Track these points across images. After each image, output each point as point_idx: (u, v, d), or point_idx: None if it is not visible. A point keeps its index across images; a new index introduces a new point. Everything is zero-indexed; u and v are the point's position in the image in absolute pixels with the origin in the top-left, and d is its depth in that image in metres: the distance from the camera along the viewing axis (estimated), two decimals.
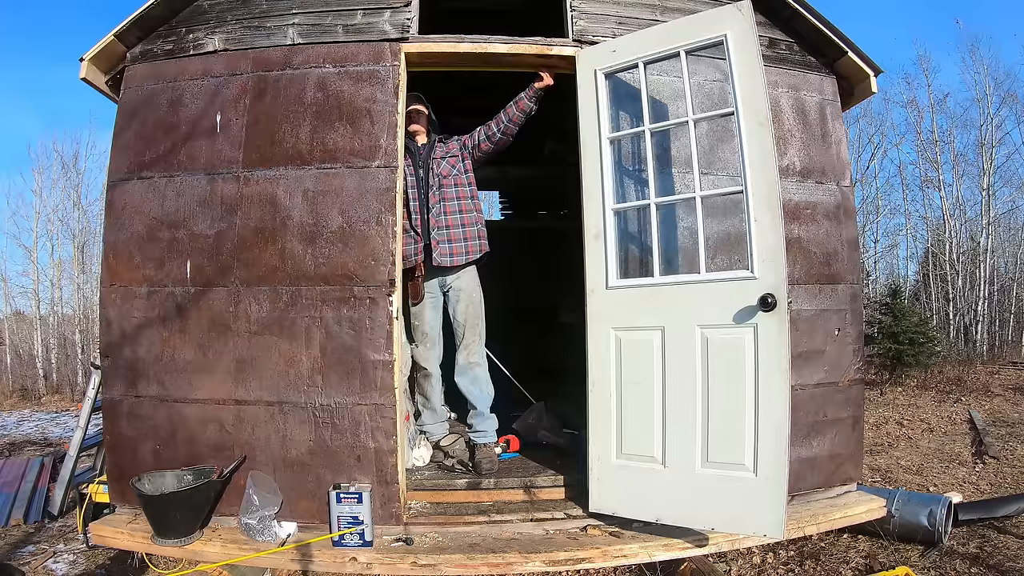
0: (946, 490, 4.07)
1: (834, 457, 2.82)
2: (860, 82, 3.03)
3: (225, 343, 2.58)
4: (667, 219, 2.67)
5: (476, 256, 3.01)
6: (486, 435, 2.99)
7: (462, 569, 2.24)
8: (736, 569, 3.09)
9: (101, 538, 2.53)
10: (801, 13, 2.87)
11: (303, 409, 2.53)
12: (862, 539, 3.32)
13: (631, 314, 2.47)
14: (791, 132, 2.90)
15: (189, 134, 2.69)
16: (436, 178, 2.96)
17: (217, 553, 2.36)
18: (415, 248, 2.92)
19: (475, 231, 3.01)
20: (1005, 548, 3.14)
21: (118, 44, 2.76)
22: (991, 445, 5.33)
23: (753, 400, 2.19)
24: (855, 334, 2.91)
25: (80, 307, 15.43)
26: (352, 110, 2.64)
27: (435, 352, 3.10)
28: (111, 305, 2.67)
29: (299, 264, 2.58)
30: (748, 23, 2.30)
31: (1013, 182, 14.03)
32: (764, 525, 2.17)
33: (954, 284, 13.32)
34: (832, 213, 2.91)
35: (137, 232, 2.67)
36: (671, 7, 2.83)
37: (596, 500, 2.52)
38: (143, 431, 2.61)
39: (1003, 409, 6.92)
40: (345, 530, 2.35)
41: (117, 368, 2.66)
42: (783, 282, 2.17)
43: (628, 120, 2.68)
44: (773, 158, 2.26)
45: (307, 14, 2.72)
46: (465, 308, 3.02)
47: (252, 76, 2.70)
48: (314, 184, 2.61)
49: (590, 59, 2.65)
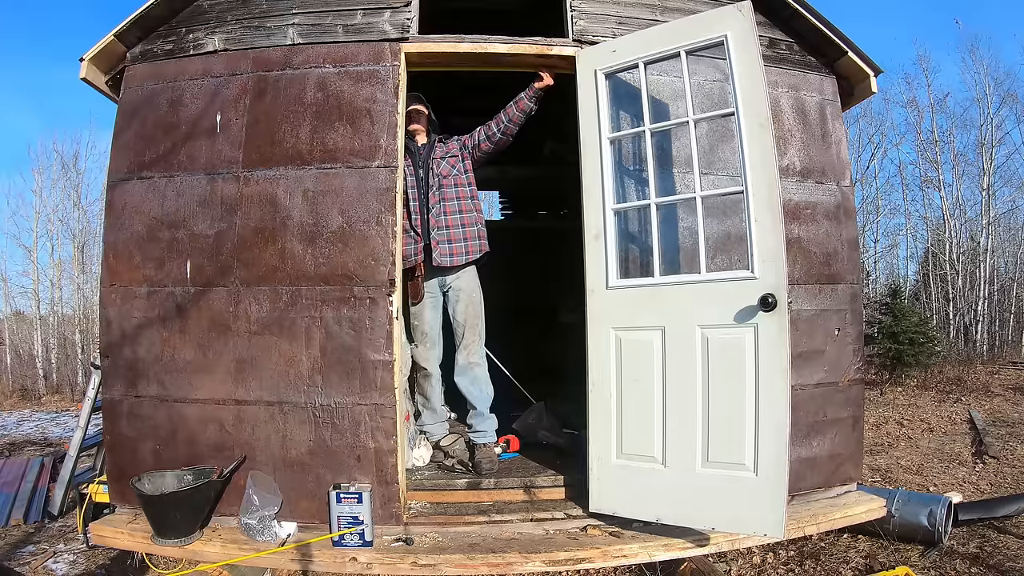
0: (946, 490, 4.07)
1: (834, 457, 2.82)
2: (860, 82, 3.03)
3: (225, 343, 2.58)
4: (667, 219, 2.67)
5: (476, 256, 3.01)
6: (486, 435, 2.99)
7: (462, 569, 2.24)
8: (736, 569, 3.09)
9: (101, 538, 2.53)
10: (801, 13, 2.87)
11: (303, 409, 2.53)
12: (862, 539, 3.32)
13: (631, 314, 2.47)
14: (791, 132, 2.90)
15: (189, 134, 2.69)
16: (436, 178, 2.96)
17: (217, 553, 2.36)
18: (415, 248, 2.93)
19: (475, 231, 3.01)
20: (1005, 548, 3.14)
21: (118, 44, 2.76)
22: (991, 445, 5.33)
23: (753, 400, 2.19)
24: (855, 334, 2.91)
25: (80, 307, 15.44)
26: (352, 110, 2.64)
27: (435, 352, 3.10)
28: (111, 305, 2.67)
29: (299, 264, 2.58)
30: (748, 23, 2.30)
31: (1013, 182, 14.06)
32: (765, 525, 2.17)
33: (954, 284, 13.32)
34: (832, 213, 2.91)
35: (137, 232, 2.67)
36: (671, 7, 2.83)
37: (596, 500, 2.52)
38: (143, 431, 2.61)
39: (1003, 409, 6.92)
40: (345, 530, 2.35)
41: (117, 368, 2.66)
42: (783, 282, 2.17)
43: (628, 120, 2.68)
44: (773, 158, 2.26)
45: (307, 14, 2.72)
46: (465, 308, 3.02)
47: (252, 76, 2.70)
48: (314, 184, 2.60)
49: (590, 59, 2.65)
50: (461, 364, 3.03)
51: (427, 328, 3.06)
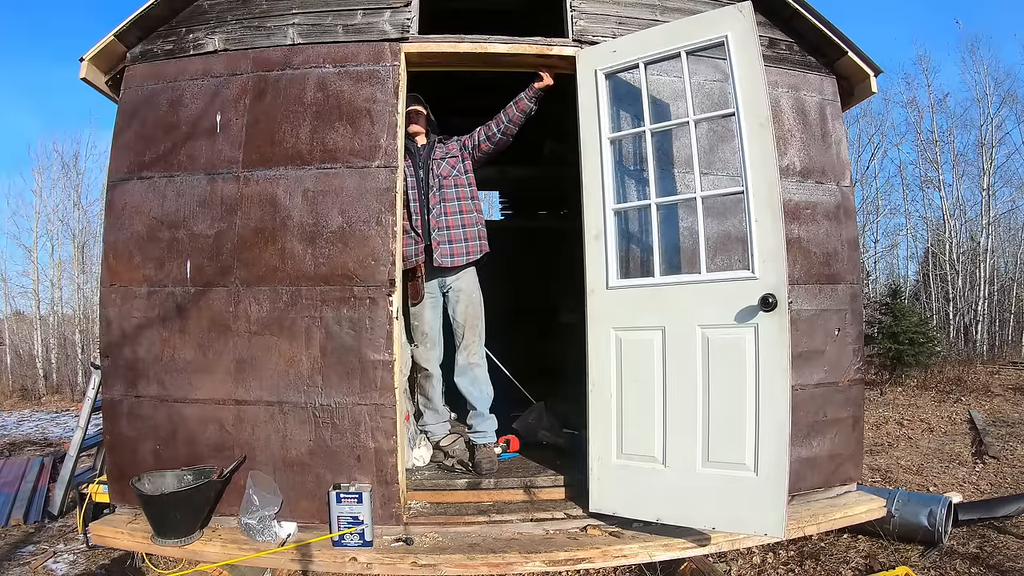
0: (946, 490, 4.07)
1: (834, 457, 2.82)
2: (860, 82, 3.03)
3: (225, 343, 2.58)
4: (668, 219, 2.67)
5: (476, 256, 3.01)
6: (486, 435, 2.99)
7: (462, 569, 2.24)
8: (736, 569, 3.09)
9: (101, 538, 2.53)
10: (801, 13, 2.87)
11: (303, 409, 2.53)
12: (862, 539, 3.32)
13: (631, 314, 2.47)
14: (791, 132, 2.90)
15: (189, 134, 2.69)
16: (436, 179, 2.96)
17: (217, 553, 2.36)
18: (416, 249, 2.93)
19: (475, 231, 3.01)
20: (1005, 548, 3.14)
21: (118, 44, 2.76)
22: (991, 445, 5.33)
23: (754, 400, 2.19)
24: (855, 334, 2.91)
25: (80, 307, 15.42)
26: (352, 110, 2.64)
27: (435, 353, 3.10)
28: (111, 305, 2.67)
29: (299, 264, 2.58)
30: (749, 24, 2.30)
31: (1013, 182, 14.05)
32: (765, 524, 2.18)
33: (954, 284, 13.32)
34: (832, 213, 2.91)
35: (137, 232, 2.67)
36: (671, 7, 2.83)
37: (596, 500, 2.52)
38: (143, 431, 2.61)
39: (1003, 409, 6.92)
40: (345, 530, 2.35)
41: (117, 368, 2.66)
42: (784, 282, 2.17)
43: (628, 120, 2.68)
44: (774, 159, 2.26)
45: (307, 14, 2.72)
46: (464, 308, 3.02)
47: (252, 76, 2.70)
48: (314, 184, 2.60)
49: (590, 59, 2.65)
50: (461, 364, 3.03)
51: (427, 328, 3.06)
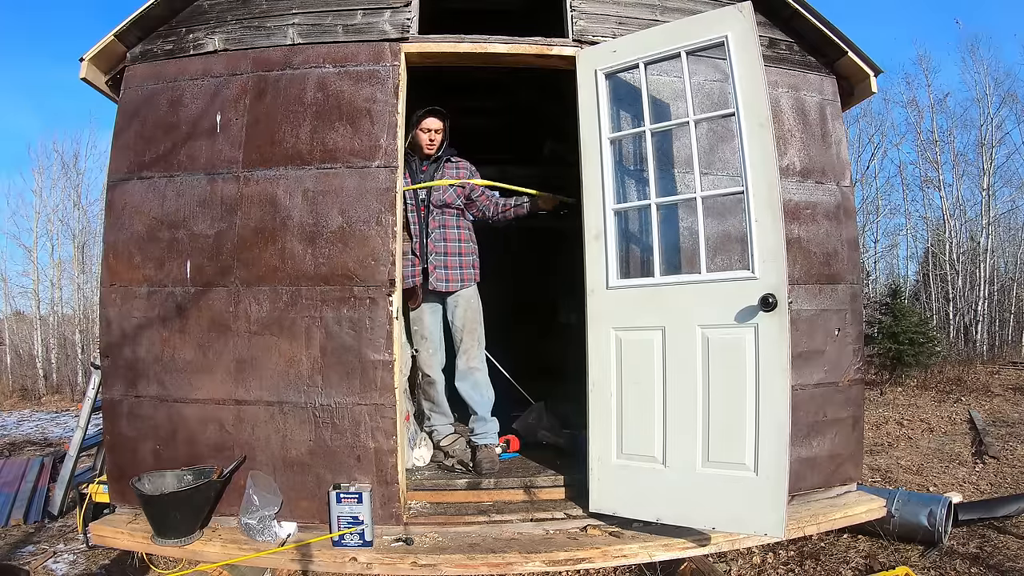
0: (946, 490, 4.07)
1: (834, 457, 2.82)
2: (860, 82, 3.03)
3: (225, 343, 2.58)
4: (668, 219, 2.67)
5: (470, 284, 3.04)
6: (486, 437, 2.99)
7: (462, 569, 2.24)
8: (736, 569, 3.09)
9: (101, 538, 2.53)
10: (801, 13, 2.87)
11: (303, 409, 2.53)
12: (862, 539, 3.32)
13: (632, 314, 2.47)
14: (791, 132, 2.90)
15: (189, 134, 2.69)
16: (440, 203, 2.97)
17: (217, 553, 2.36)
18: (413, 271, 2.93)
19: (471, 260, 3.05)
20: (1005, 548, 3.14)
21: (118, 44, 2.75)
22: (991, 445, 5.33)
23: (754, 400, 2.19)
24: (855, 334, 2.91)
25: (80, 307, 15.41)
26: (352, 110, 2.64)
27: (438, 358, 3.11)
28: (111, 305, 2.67)
29: (299, 264, 2.58)
30: (749, 24, 2.30)
31: (1013, 182, 14.03)
32: (765, 524, 2.17)
33: (954, 284, 13.31)
34: (832, 213, 2.91)
35: (137, 232, 2.67)
36: (671, 7, 2.83)
37: (596, 500, 2.52)
38: (143, 431, 2.61)
39: (1003, 409, 6.92)
40: (345, 530, 2.35)
41: (117, 368, 2.66)
42: (784, 282, 2.17)
43: (628, 120, 2.68)
44: (774, 159, 2.26)
45: (307, 14, 2.72)
46: (463, 314, 3.03)
47: (252, 76, 2.70)
48: (314, 184, 2.60)
49: (590, 59, 2.65)
50: (461, 369, 3.04)
51: (427, 333, 3.06)
